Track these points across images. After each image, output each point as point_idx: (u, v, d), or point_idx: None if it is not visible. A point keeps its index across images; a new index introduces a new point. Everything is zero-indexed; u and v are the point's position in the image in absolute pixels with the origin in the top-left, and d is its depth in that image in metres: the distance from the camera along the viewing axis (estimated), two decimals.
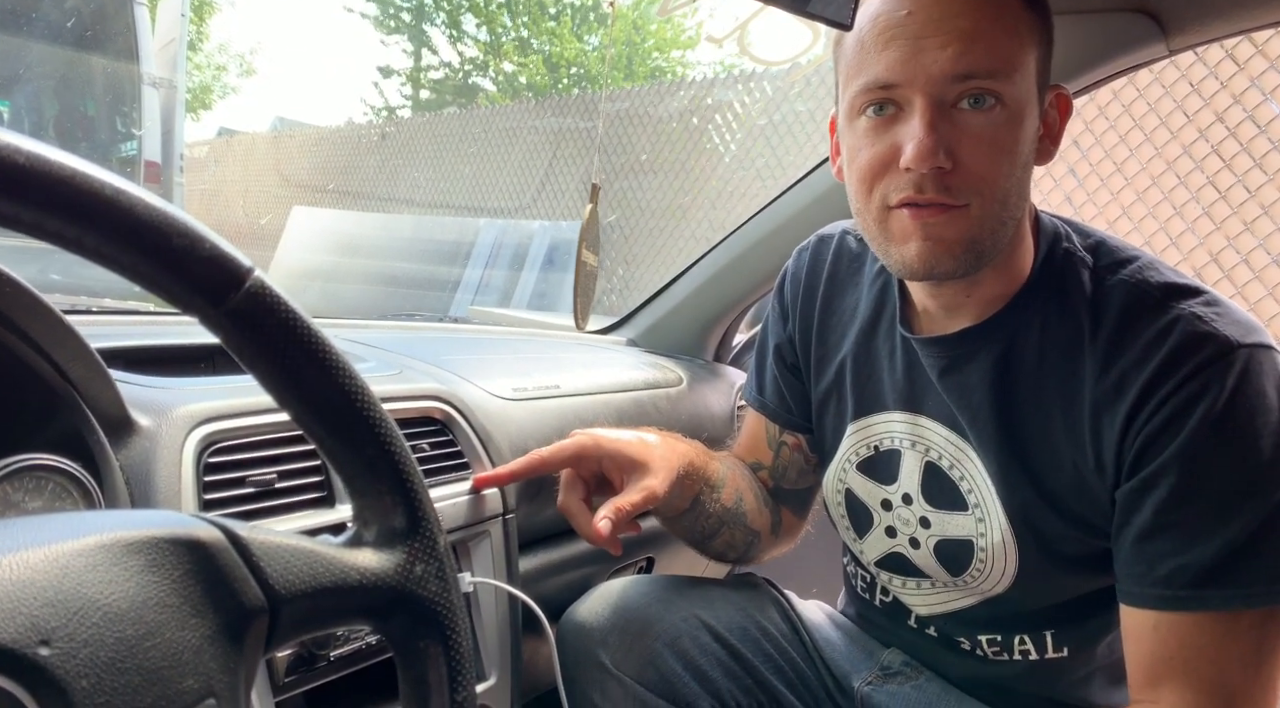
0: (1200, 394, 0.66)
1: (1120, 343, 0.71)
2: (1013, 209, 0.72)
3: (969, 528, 0.82)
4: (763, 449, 1.03)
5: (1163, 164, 3.29)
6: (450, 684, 0.44)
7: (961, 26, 0.68)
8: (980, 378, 0.78)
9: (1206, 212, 3.18)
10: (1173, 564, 0.67)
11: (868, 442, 0.89)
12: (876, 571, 0.93)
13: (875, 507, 0.90)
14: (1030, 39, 0.70)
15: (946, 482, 0.83)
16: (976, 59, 0.67)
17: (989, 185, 0.70)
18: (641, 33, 12.01)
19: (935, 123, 0.69)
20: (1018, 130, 0.70)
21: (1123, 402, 0.70)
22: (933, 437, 0.83)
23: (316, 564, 0.40)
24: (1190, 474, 0.67)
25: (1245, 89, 3.10)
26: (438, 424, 0.93)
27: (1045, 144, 0.75)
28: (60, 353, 0.62)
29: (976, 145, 0.69)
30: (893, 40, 0.69)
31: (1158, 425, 0.68)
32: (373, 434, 0.41)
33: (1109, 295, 0.73)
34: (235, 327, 0.38)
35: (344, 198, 8.10)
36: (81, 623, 0.32)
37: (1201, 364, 0.66)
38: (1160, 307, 0.70)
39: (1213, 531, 0.66)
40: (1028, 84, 0.70)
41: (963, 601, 0.86)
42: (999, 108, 0.69)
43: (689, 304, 1.53)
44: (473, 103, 11.87)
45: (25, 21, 4.38)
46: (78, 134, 4.75)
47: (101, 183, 0.34)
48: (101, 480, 0.63)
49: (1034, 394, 0.76)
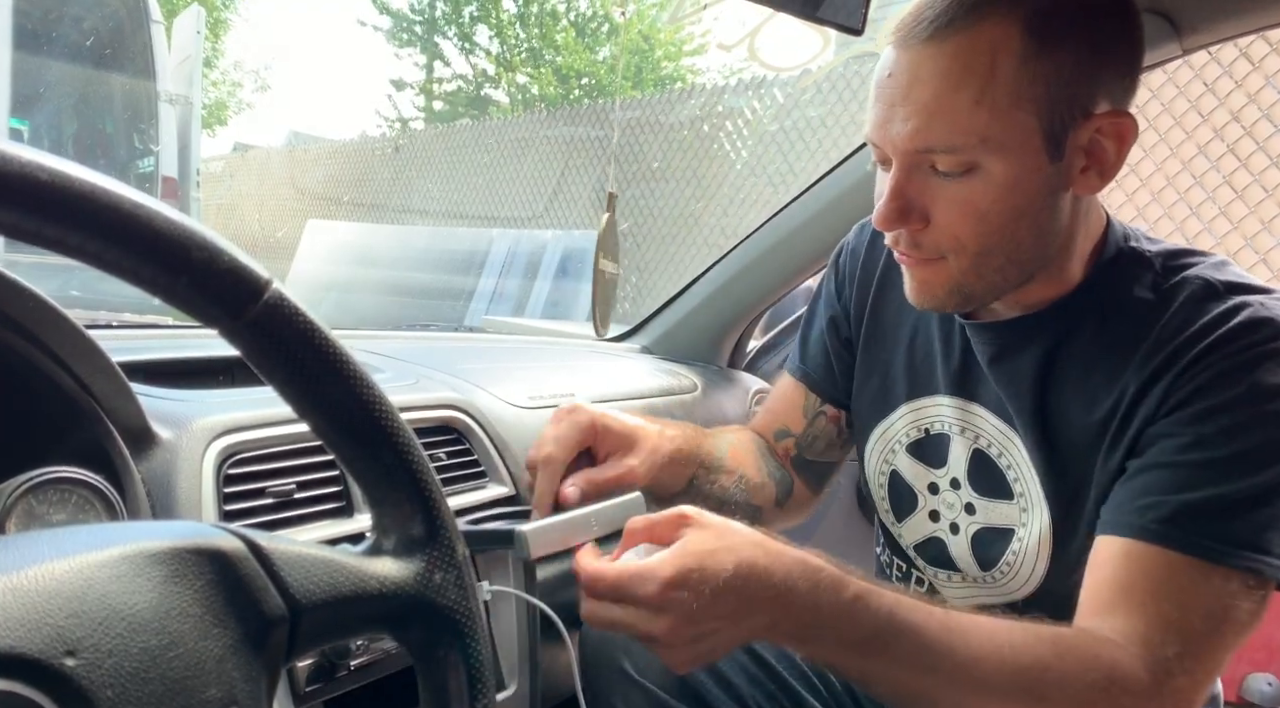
0: (1249, 365, 0.66)
1: (1180, 328, 0.70)
2: (1010, 256, 0.72)
3: (1013, 517, 0.81)
4: (795, 416, 1.01)
5: (1178, 164, 3.26)
6: (470, 692, 0.44)
7: (923, 99, 0.67)
8: (1030, 366, 0.78)
9: (1223, 211, 3.16)
10: (1156, 499, 0.67)
11: (918, 424, 0.89)
12: (914, 556, 0.92)
13: (922, 490, 0.89)
14: (1027, 92, 0.66)
15: (994, 470, 0.82)
16: (934, 136, 0.68)
17: (963, 244, 0.71)
18: (651, 42, 12.05)
19: (902, 188, 0.70)
20: (999, 191, 0.69)
21: (1168, 371, 0.69)
22: (983, 424, 0.83)
23: (336, 573, 0.40)
24: (1211, 429, 0.66)
25: (1260, 88, 3.07)
26: (454, 433, 0.94)
27: (1088, 176, 0.71)
28: (82, 367, 0.63)
29: (947, 208, 0.70)
30: (878, 101, 0.71)
31: (1199, 384, 0.67)
32: (391, 443, 0.42)
33: (1173, 291, 0.73)
34: (254, 338, 0.38)
35: (358, 210, 8.16)
36: (106, 633, 0.32)
37: (1258, 342, 0.66)
38: (1223, 298, 0.70)
39: (1208, 481, 0.65)
40: (1016, 141, 0.67)
41: (985, 600, 0.86)
42: (973, 173, 0.69)
43: (703, 311, 1.53)
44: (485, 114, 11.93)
45: (45, 42, 4.45)
46: (96, 151, 4.81)
47: (122, 198, 0.34)
48: (124, 492, 0.64)
49: (1082, 386, 0.75)
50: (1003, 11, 0.66)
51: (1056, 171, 0.70)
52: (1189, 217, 3.24)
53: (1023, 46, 0.66)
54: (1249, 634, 0.65)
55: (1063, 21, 0.67)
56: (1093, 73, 0.68)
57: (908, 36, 0.69)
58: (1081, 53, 0.67)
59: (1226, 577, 0.64)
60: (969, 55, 0.66)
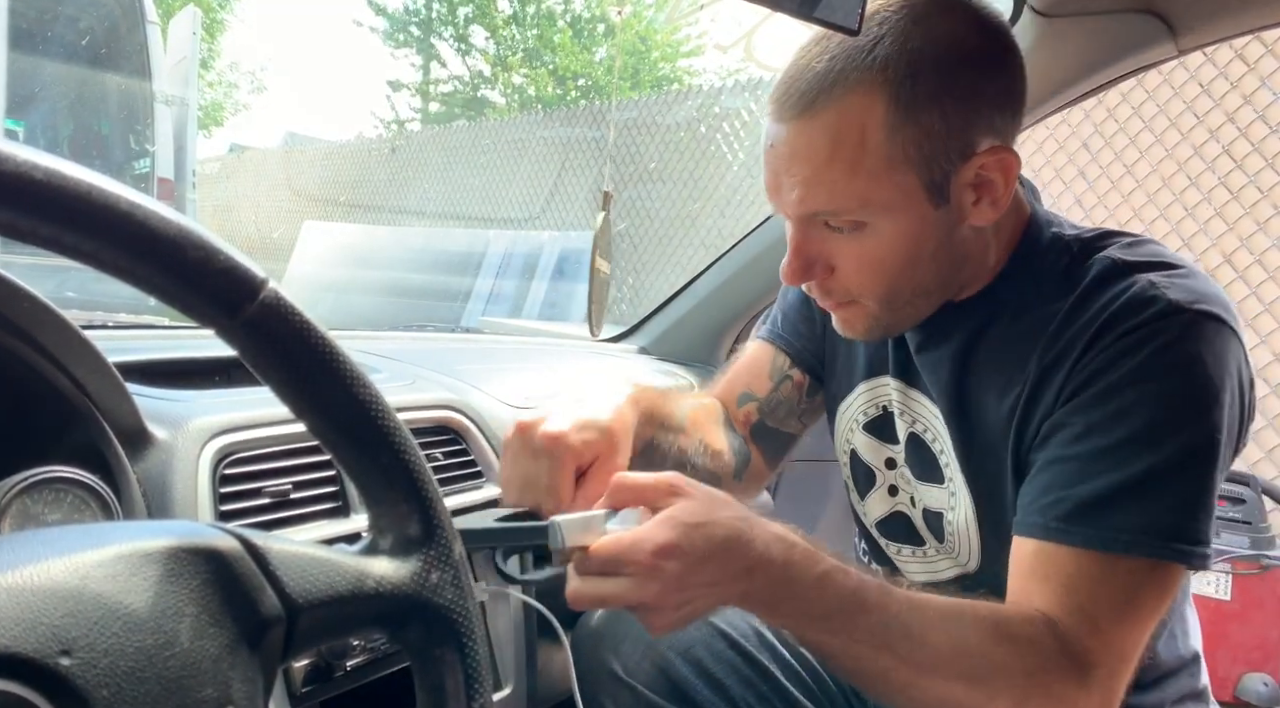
0: (1134, 347, 0.68)
1: (1078, 312, 0.72)
2: (917, 291, 0.75)
3: (942, 501, 0.83)
4: (761, 380, 1.01)
5: (1174, 166, 3.27)
6: (467, 692, 0.44)
7: (803, 173, 0.71)
8: (950, 356, 0.80)
9: (1219, 212, 3.16)
10: (1056, 496, 0.68)
11: (875, 402, 0.91)
12: (877, 536, 0.93)
13: (879, 466, 0.90)
14: (899, 155, 0.69)
15: (928, 453, 0.84)
16: (817, 202, 0.71)
17: (870, 288, 0.75)
18: (648, 43, 12.05)
19: (801, 247, 0.75)
20: (891, 243, 0.72)
21: (1067, 358, 0.71)
22: (919, 409, 0.85)
23: (333, 573, 0.40)
24: (1100, 415, 0.68)
25: (1256, 89, 3.08)
26: (451, 433, 0.94)
27: (980, 208, 0.73)
28: (78, 367, 0.62)
29: (847, 259, 0.74)
30: (766, 167, 0.74)
31: (1091, 371, 0.69)
32: (387, 443, 0.42)
33: (1082, 274, 0.74)
34: (250, 338, 0.38)
35: (355, 211, 8.15)
36: (102, 633, 0.32)
37: (1143, 322, 0.68)
38: (1122, 277, 0.71)
39: (1103, 471, 0.67)
40: (897, 199, 0.70)
41: (950, 571, 0.87)
42: (863, 228, 0.72)
43: (699, 311, 1.53)
44: (481, 115, 11.93)
45: (41, 42, 4.44)
46: (92, 152, 4.80)
47: (118, 197, 0.34)
48: (119, 492, 0.64)
49: (996, 374, 0.77)
50: (866, 80, 0.68)
51: (946, 214, 0.72)
52: (1185, 218, 3.25)
53: (888, 115, 0.68)
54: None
55: (925, 80, 0.68)
56: (966, 121, 0.70)
57: (781, 110, 0.71)
58: (948, 107, 0.69)
59: (1131, 564, 0.66)
60: (837, 129, 0.69)
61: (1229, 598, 2.20)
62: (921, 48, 0.68)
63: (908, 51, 0.68)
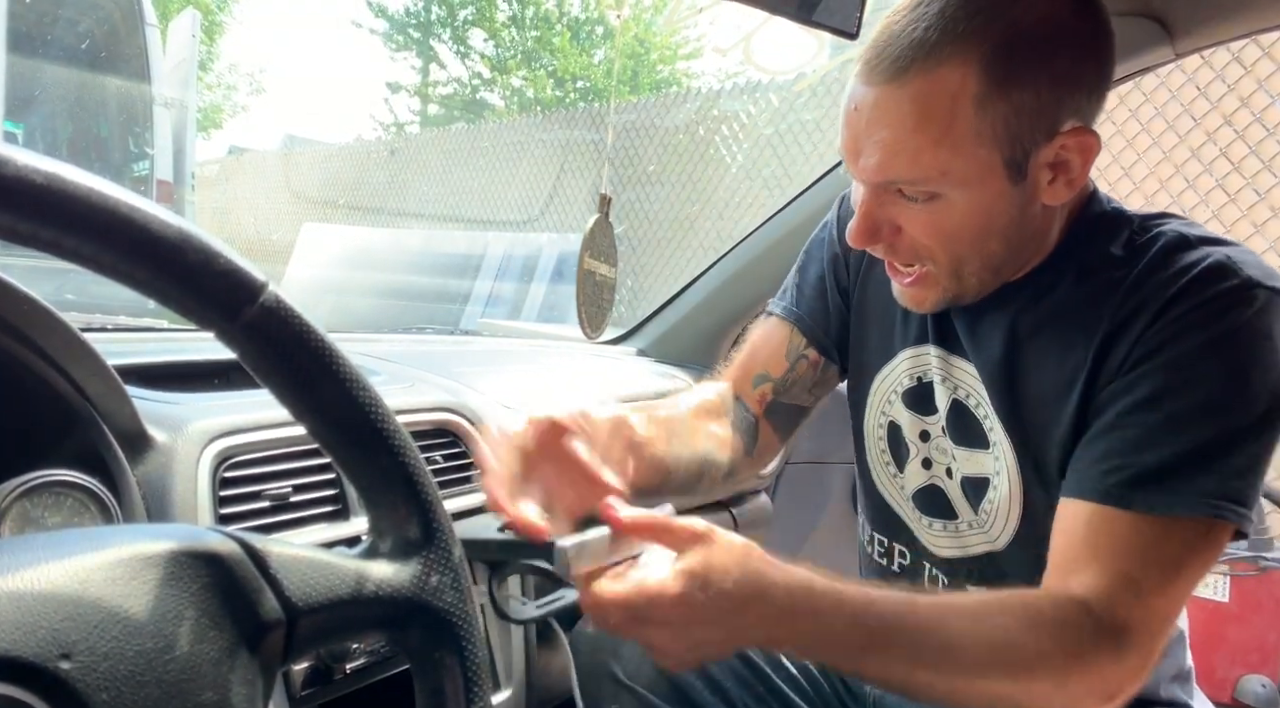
0: (1211, 316, 0.68)
1: (1149, 277, 0.72)
2: (985, 263, 0.75)
3: (987, 466, 0.83)
4: (778, 360, 1.00)
5: (1171, 168, 3.27)
6: (466, 695, 0.44)
7: (884, 138, 0.69)
8: (1003, 325, 0.80)
9: (1216, 215, 3.16)
10: (1117, 462, 0.68)
11: (913, 372, 0.90)
12: (912, 507, 0.91)
13: (914, 438, 0.90)
14: (986, 131, 0.68)
15: (972, 419, 0.84)
16: (897, 171, 0.70)
17: (938, 255, 0.75)
18: (646, 45, 12.06)
19: (872, 210, 0.74)
20: (963, 215, 0.72)
21: (1137, 322, 0.71)
22: (961, 375, 0.84)
23: (333, 576, 0.40)
24: (1169, 382, 0.68)
25: (1253, 92, 3.08)
26: (450, 436, 0.94)
27: (1055, 187, 0.73)
28: (77, 370, 0.62)
29: (917, 225, 0.73)
30: (846, 129, 0.73)
31: (1163, 337, 0.69)
32: (387, 446, 0.42)
33: (1147, 245, 0.74)
34: (250, 340, 0.38)
35: (354, 213, 8.14)
36: (101, 636, 0.32)
37: (1221, 292, 0.68)
38: (1194, 248, 0.71)
39: (1168, 439, 0.67)
40: (976, 174, 0.70)
41: (978, 548, 0.86)
42: (937, 199, 0.71)
43: (698, 314, 1.53)
44: (480, 117, 11.93)
45: (40, 44, 4.43)
46: (91, 154, 4.79)
47: (117, 200, 0.34)
48: (119, 495, 0.64)
49: (1056, 341, 0.77)
50: (961, 52, 0.67)
51: (1021, 191, 0.72)
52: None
53: (981, 89, 0.67)
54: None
55: (1022, 58, 0.67)
56: (1056, 100, 0.69)
57: (870, 74, 0.70)
58: (1042, 85, 0.68)
59: (1188, 528, 0.66)
60: (927, 99, 0.68)
61: (1227, 600, 2.20)
62: (1019, 23, 0.67)
63: (1005, 26, 0.67)
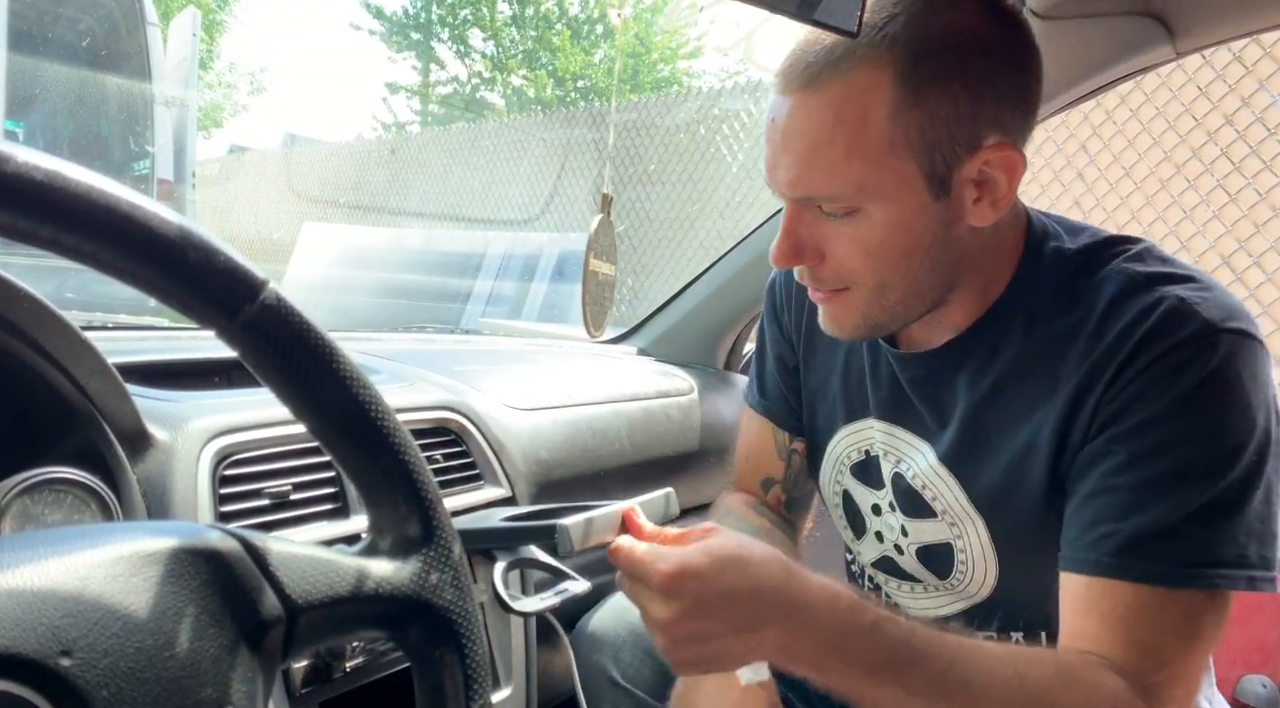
0: (1176, 370, 0.65)
1: (1105, 328, 0.70)
2: (909, 289, 0.72)
3: (943, 533, 0.81)
4: (773, 462, 1.00)
5: (1171, 168, 3.27)
6: (466, 693, 0.44)
7: (800, 150, 0.68)
8: (959, 389, 0.78)
9: (1216, 215, 3.16)
10: (1106, 529, 0.66)
11: (858, 446, 0.89)
12: (874, 572, 0.92)
13: (867, 511, 0.89)
14: (901, 140, 0.66)
15: (911, 491, 0.82)
16: (812, 185, 0.69)
17: (861, 278, 0.72)
18: (647, 44, 12.06)
19: (793, 228, 0.72)
20: (884, 232, 0.69)
21: (1100, 378, 0.69)
22: (903, 447, 0.83)
23: (332, 573, 0.40)
24: (1146, 445, 0.66)
25: (1254, 92, 3.08)
26: (451, 434, 0.94)
27: (980, 207, 0.70)
28: (78, 368, 0.63)
29: (838, 245, 0.71)
30: (767, 143, 0.71)
31: (1129, 396, 0.67)
32: (387, 444, 0.42)
33: (1098, 288, 0.72)
34: (251, 339, 0.38)
35: (354, 212, 8.14)
36: (101, 633, 0.32)
37: (1181, 342, 0.65)
38: (1146, 291, 0.69)
39: (1151, 502, 0.65)
40: (894, 187, 0.68)
41: (953, 606, 0.85)
42: (857, 214, 0.69)
43: (699, 313, 1.53)
44: (480, 117, 11.93)
45: (41, 43, 4.43)
46: (92, 153, 4.79)
47: (118, 198, 0.34)
48: (119, 493, 0.64)
49: (1016, 400, 0.75)
50: (874, 58, 0.66)
51: (944, 207, 0.70)
52: (1183, 220, 3.25)
53: (894, 96, 0.66)
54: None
55: (936, 66, 0.66)
56: (974, 112, 0.67)
57: (785, 83, 0.69)
58: (959, 95, 0.66)
59: (1190, 596, 0.64)
60: (840, 106, 0.66)
61: None
62: (934, 30, 0.66)
63: (920, 32, 0.66)
